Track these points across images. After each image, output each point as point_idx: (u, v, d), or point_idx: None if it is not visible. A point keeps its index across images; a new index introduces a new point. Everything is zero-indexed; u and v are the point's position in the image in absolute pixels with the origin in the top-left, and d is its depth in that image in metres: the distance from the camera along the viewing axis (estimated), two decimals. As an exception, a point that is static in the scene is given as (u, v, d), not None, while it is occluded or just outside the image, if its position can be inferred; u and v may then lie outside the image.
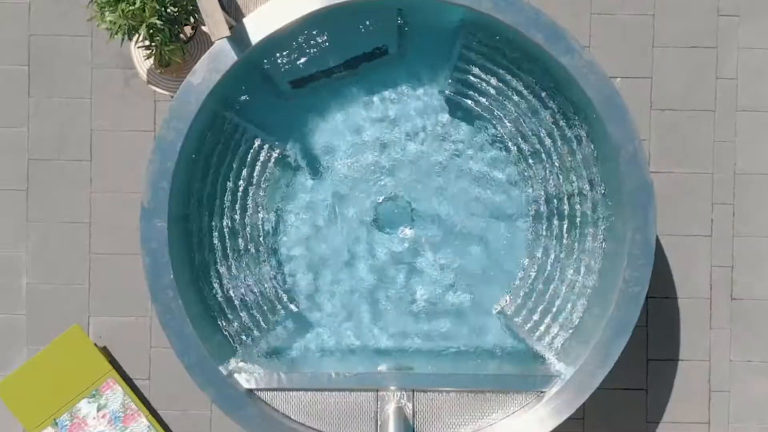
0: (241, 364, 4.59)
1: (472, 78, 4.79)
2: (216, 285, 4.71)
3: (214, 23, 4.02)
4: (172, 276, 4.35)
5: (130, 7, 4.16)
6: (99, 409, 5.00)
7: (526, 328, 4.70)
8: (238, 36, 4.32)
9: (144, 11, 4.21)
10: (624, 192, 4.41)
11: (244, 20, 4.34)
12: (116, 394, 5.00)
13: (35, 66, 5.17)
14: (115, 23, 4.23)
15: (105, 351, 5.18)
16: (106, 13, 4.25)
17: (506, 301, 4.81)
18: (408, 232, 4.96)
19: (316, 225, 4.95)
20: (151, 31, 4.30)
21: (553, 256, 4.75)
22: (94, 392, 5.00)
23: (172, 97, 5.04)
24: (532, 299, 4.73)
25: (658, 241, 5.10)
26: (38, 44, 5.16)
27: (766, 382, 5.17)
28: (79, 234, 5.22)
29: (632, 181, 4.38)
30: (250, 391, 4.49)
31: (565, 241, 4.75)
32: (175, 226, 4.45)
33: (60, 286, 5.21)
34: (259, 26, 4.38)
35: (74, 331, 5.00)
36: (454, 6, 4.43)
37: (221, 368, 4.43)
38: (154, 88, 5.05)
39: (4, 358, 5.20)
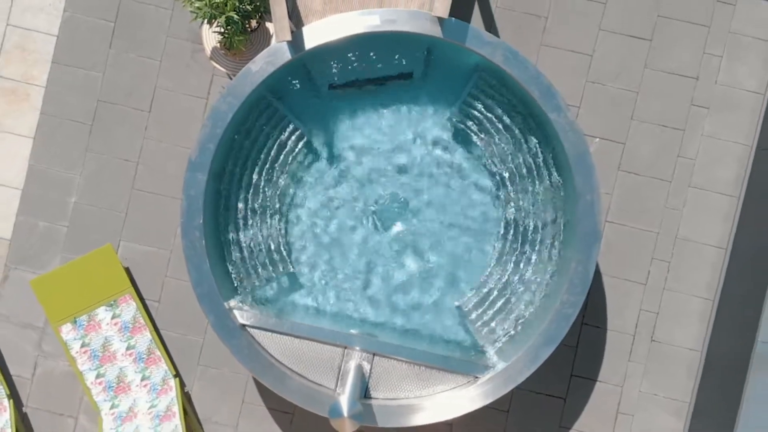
0: (240, 303, 5.17)
1: (476, 112, 5.30)
2: (233, 235, 5.26)
3: (281, 28, 4.75)
4: (201, 220, 4.98)
5: (216, 0, 4.92)
6: (113, 317, 5.54)
7: (477, 325, 5.28)
8: (295, 41, 4.96)
9: (226, 5, 4.89)
10: (577, 231, 5.04)
11: (303, 29, 5.00)
12: (130, 308, 5.55)
13: (120, 24, 5.74)
14: (200, 9, 4.92)
15: (128, 271, 5.73)
16: (195, 0, 5.02)
17: (466, 299, 5.34)
18: (399, 227, 5.45)
19: (323, 205, 5.42)
20: (228, 21, 4.98)
21: (511, 269, 5.30)
22: (112, 302, 5.53)
23: (227, 74, 5.65)
24: (487, 302, 5.30)
25: (600, 278, 5.74)
26: (127, 7, 5.73)
27: (666, 416, 5.74)
28: (127, 170, 5.76)
29: (585, 224, 5.02)
30: (243, 326, 5.10)
31: (523, 260, 5.31)
32: (211, 180, 5.05)
33: (102, 209, 5.76)
34: (312, 36, 5.00)
35: (106, 249, 5.52)
36: (472, 53, 5.07)
37: (224, 303, 5.05)
38: (214, 64, 5.59)
39: (41, 260, 5.76)
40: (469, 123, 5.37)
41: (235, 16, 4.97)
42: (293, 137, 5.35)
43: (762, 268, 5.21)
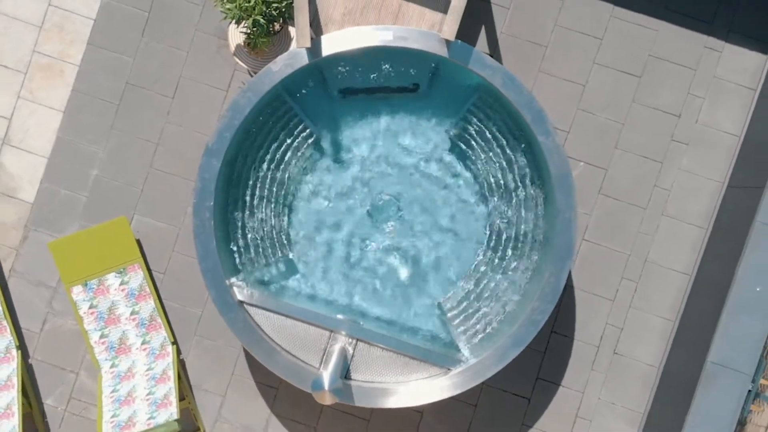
0: (240, 282, 5.56)
1: (473, 127, 5.69)
2: (239, 218, 5.65)
3: (302, 35, 5.19)
4: (212, 202, 5.40)
5: (246, 4, 5.28)
6: (121, 284, 5.91)
7: (454, 323, 5.68)
8: (314, 47, 5.39)
9: (254, 9, 5.30)
10: (554, 245, 5.46)
11: (321, 37, 5.42)
12: (137, 277, 5.92)
13: (154, 15, 6.13)
14: (230, 11, 5.33)
15: (138, 243, 6.09)
16: (226, 1, 5.37)
17: (446, 298, 5.74)
18: (391, 226, 5.82)
19: (323, 199, 5.79)
20: (254, 24, 5.37)
21: (490, 274, 5.70)
22: (122, 270, 5.90)
23: (248, 71, 6.03)
24: (465, 303, 5.70)
25: (572, 291, 6.14)
26: (161, 0, 6.16)
27: (620, 424, 6.14)
28: (146, 150, 6.14)
29: (561, 239, 5.45)
30: (241, 302, 5.50)
31: (503, 266, 5.70)
32: (224, 166, 5.46)
33: (120, 184, 6.14)
34: (330, 45, 5.42)
35: (121, 221, 5.89)
36: (474, 74, 5.49)
37: (226, 279, 5.45)
38: (237, 60, 5.94)
39: (59, 225, 6.16)
40: (466, 137, 5.79)
41: (261, 20, 5.38)
42: (303, 134, 5.76)
43: (719, 296, 5.64)
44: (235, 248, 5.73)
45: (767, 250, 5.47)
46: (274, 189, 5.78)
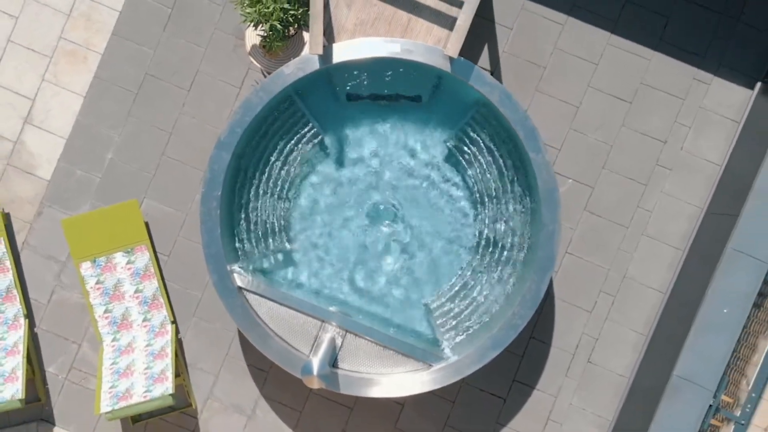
0: (240, 269, 5.88)
1: (469, 139, 6.01)
2: (243, 209, 5.97)
3: (315, 43, 5.51)
4: (220, 192, 5.72)
5: (265, 9, 5.59)
6: (128, 263, 6.20)
7: (438, 322, 6.01)
8: (325, 54, 5.71)
9: (272, 15, 5.61)
10: (537, 255, 5.78)
11: (333, 45, 5.74)
12: (144, 257, 6.21)
13: (177, 11, 6.44)
14: (250, 14, 5.65)
15: (147, 225, 6.38)
16: (246, 6, 5.70)
17: (433, 299, 6.06)
18: (386, 228, 6.14)
19: (324, 197, 6.11)
20: (271, 28, 5.69)
21: (476, 279, 6.01)
22: (129, 250, 6.19)
23: (262, 70, 6.33)
24: (450, 304, 6.03)
25: (553, 300, 6.42)
26: None
27: (589, 429, 6.41)
28: (160, 138, 6.43)
29: (544, 250, 5.78)
30: (240, 288, 5.81)
31: (488, 272, 6.01)
32: (233, 159, 5.77)
33: (133, 168, 6.44)
34: (341, 53, 5.74)
35: (131, 203, 6.18)
36: (474, 90, 5.81)
37: (227, 266, 5.76)
38: (252, 59, 6.25)
39: (74, 203, 6.45)
40: (463, 147, 6.12)
41: (278, 26, 5.70)
42: (309, 135, 6.08)
43: (689, 314, 5.96)
44: (237, 237, 6.02)
45: (736, 274, 5.78)
46: (278, 184, 6.09)
